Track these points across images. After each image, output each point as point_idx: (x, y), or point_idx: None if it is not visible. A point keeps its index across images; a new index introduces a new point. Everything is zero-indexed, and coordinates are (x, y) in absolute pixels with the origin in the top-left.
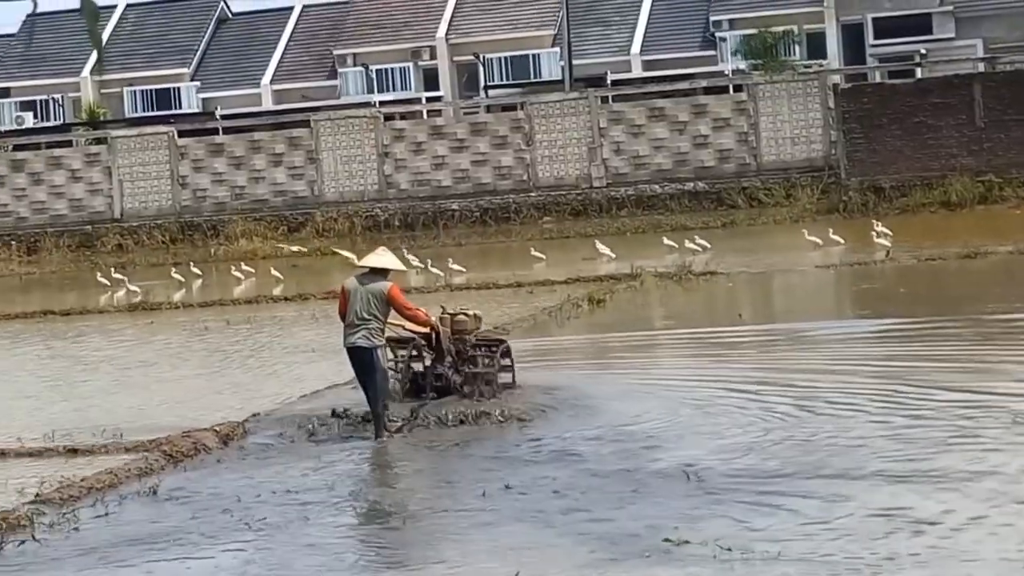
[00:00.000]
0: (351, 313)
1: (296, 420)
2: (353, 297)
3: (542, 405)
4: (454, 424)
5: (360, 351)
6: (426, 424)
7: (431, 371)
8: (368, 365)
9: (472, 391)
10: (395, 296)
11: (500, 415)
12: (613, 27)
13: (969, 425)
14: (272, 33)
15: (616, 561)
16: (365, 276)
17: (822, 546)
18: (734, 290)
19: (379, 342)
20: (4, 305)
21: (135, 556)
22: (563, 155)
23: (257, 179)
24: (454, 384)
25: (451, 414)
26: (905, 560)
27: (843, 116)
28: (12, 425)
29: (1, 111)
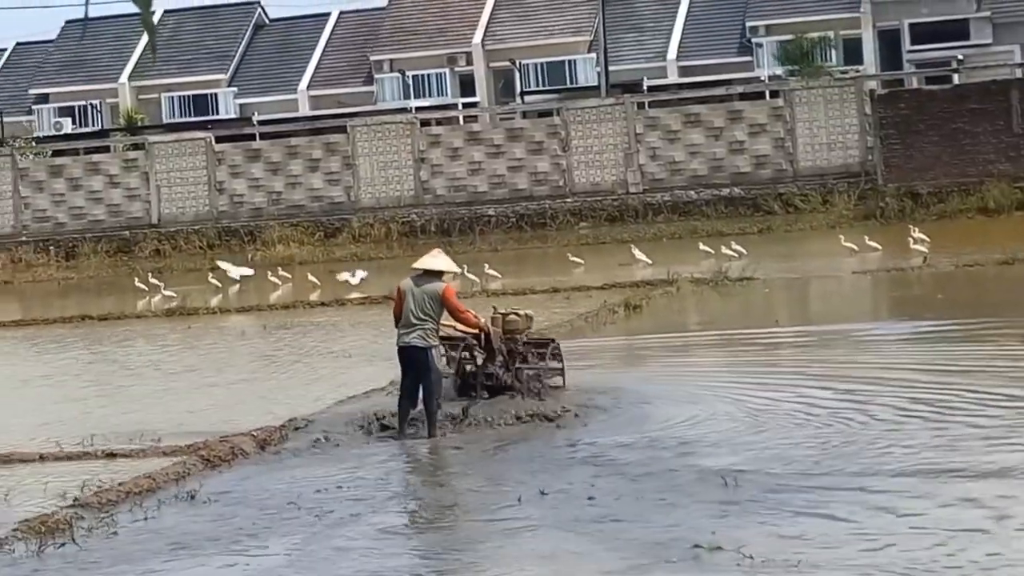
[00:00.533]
0: (406, 313)
1: (334, 424)
2: (408, 298)
3: (590, 406)
4: (502, 424)
5: (415, 350)
6: (476, 423)
7: (482, 370)
8: (422, 364)
9: (522, 390)
10: (448, 297)
11: (547, 415)
12: (649, 33)
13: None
14: (309, 39)
15: (643, 568)
16: (420, 277)
17: (851, 554)
18: (770, 295)
19: (434, 342)
20: (43, 310)
21: (174, 559)
22: (599, 161)
23: (294, 185)
24: (505, 383)
25: (500, 414)
26: (936, 568)
27: (880, 122)
28: (55, 429)
29: (40, 117)
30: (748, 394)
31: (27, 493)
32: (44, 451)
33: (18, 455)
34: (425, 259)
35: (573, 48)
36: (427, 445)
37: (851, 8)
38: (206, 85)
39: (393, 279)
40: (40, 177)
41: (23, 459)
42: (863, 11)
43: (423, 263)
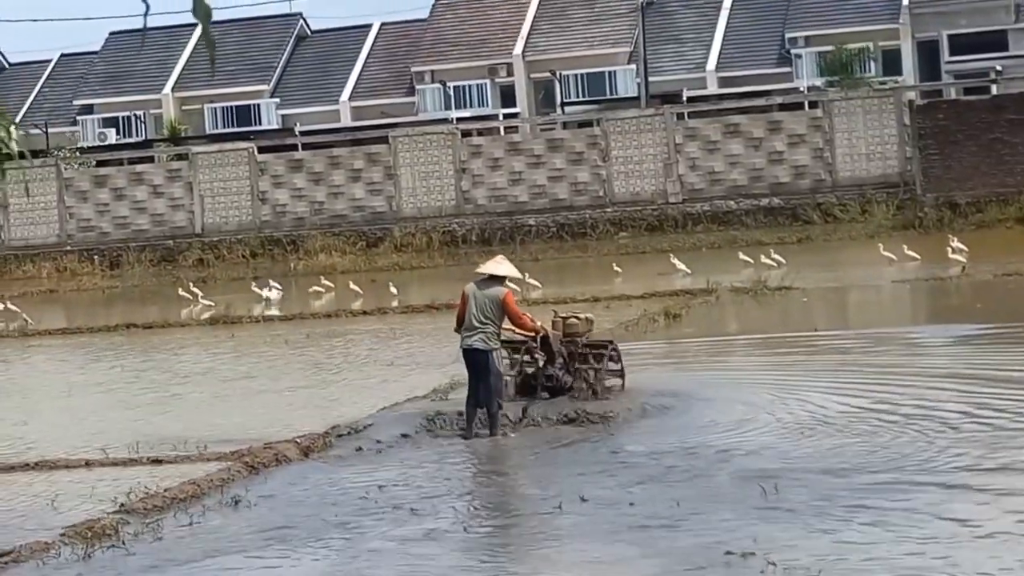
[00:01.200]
0: (469, 317)
1: (378, 430)
2: (471, 302)
3: (647, 407)
4: (559, 423)
5: (476, 353)
6: (535, 423)
7: (542, 372)
8: (483, 366)
9: (581, 392)
10: (508, 302)
11: (603, 416)
12: (689, 44)
13: None
14: (351, 50)
15: (675, 575)
16: (483, 283)
17: (883, 560)
18: (810, 304)
19: (494, 345)
20: (88, 318)
21: (219, 563)
22: (639, 171)
23: (336, 194)
24: (564, 385)
25: (558, 415)
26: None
27: (919, 132)
28: (101, 436)
29: (84, 127)
30: (801, 397)
31: (74, 499)
32: (90, 458)
33: (64, 461)
34: (489, 264)
35: (613, 59)
36: (486, 445)
37: (890, 19)
38: (249, 96)
39: (434, 288)
40: (84, 187)
41: (69, 465)
42: (902, 22)
43: (487, 268)
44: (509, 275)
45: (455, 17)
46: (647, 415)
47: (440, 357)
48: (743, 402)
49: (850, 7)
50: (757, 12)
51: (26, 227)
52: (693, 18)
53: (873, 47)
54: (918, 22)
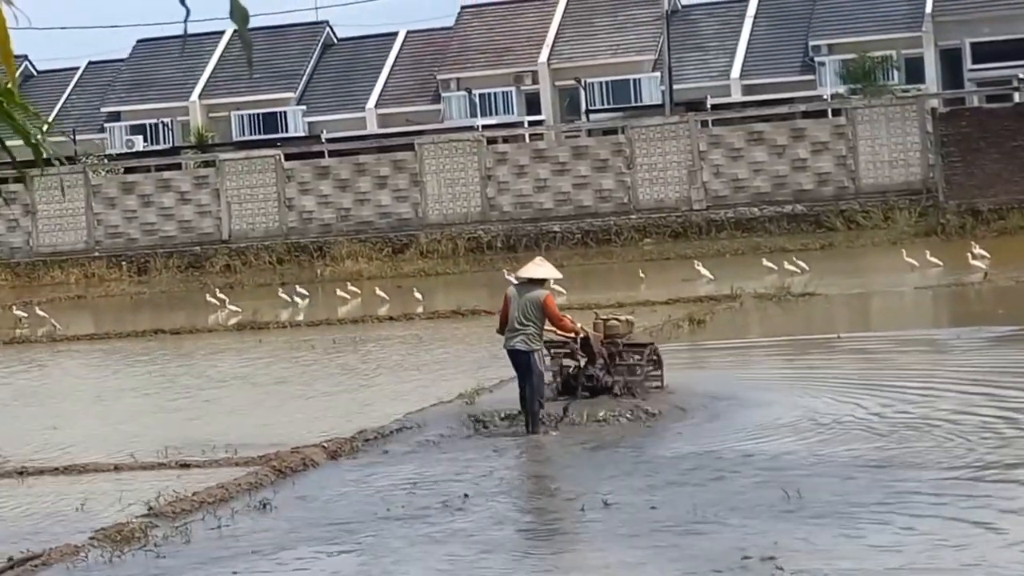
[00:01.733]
0: (511, 319)
1: (406, 433)
2: (513, 305)
3: (684, 407)
4: (599, 423)
5: (518, 353)
6: (575, 421)
7: (583, 372)
8: (525, 366)
9: (622, 391)
10: (548, 305)
11: (638, 415)
12: (713, 52)
13: None
14: (377, 58)
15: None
16: (524, 286)
17: (903, 564)
18: (832, 310)
19: (536, 346)
20: (116, 324)
21: (247, 564)
22: (663, 178)
23: (362, 201)
24: (605, 384)
25: (597, 414)
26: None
27: (941, 140)
28: (131, 441)
29: (112, 135)
30: (834, 399)
31: (103, 503)
32: (119, 462)
33: (94, 466)
34: (529, 268)
35: (637, 67)
36: (522, 443)
37: (913, 27)
38: (275, 104)
39: (460, 294)
40: (112, 194)
41: (98, 470)
42: (925, 30)
43: (526, 272)
44: (548, 277)
45: (481, 25)
46: (685, 415)
47: (465, 363)
48: (781, 403)
49: (873, 15)
50: (781, 20)
51: (54, 233)
52: (717, 26)
53: (896, 55)
54: (941, 30)
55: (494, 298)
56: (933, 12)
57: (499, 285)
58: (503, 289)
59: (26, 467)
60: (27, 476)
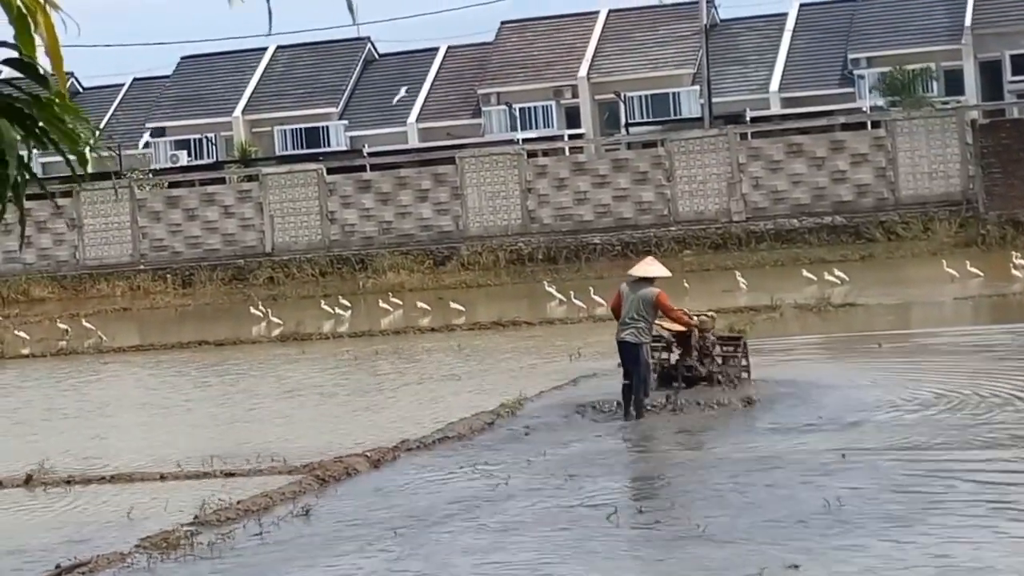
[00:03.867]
0: (624, 313)
1: (448, 444)
2: (626, 300)
3: (774, 396)
4: (703, 409)
5: (629, 345)
6: (680, 408)
7: (682, 364)
8: (634, 357)
9: (717, 381)
10: (663, 301)
11: (743, 401)
12: (752, 65)
13: None
14: (418, 73)
15: None
16: (635, 284)
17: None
18: (872, 320)
19: (645, 339)
20: (161, 335)
21: (291, 569)
22: (703, 190)
23: (404, 214)
24: (700, 375)
25: (696, 402)
26: None
27: (981, 151)
28: (182, 449)
29: (157, 150)
30: (912, 393)
31: (149, 511)
32: (165, 471)
33: (140, 475)
34: (640, 267)
35: (677, 80)
36: (634, 424)
37: (952, 40)
38: (318, 119)
39: (501, 305)
40: (157, 208)
41: (145, 479)
42: (964, 43)
43: (638, 271)
44: (659, 275)
45: (521, 40)
46: (780, 401)
47: (506, 374)
48: (858, 393)
49: (912, 28)
50: (820, 33)
51: (100, 247)
52: (756, 40)
53: (935, 67)
54: (980, 43)
55: (535, 309)
56: (972, 25)
57: (539, 297)
58: (544, 300)
59: (73, 476)
60: (74, 485)
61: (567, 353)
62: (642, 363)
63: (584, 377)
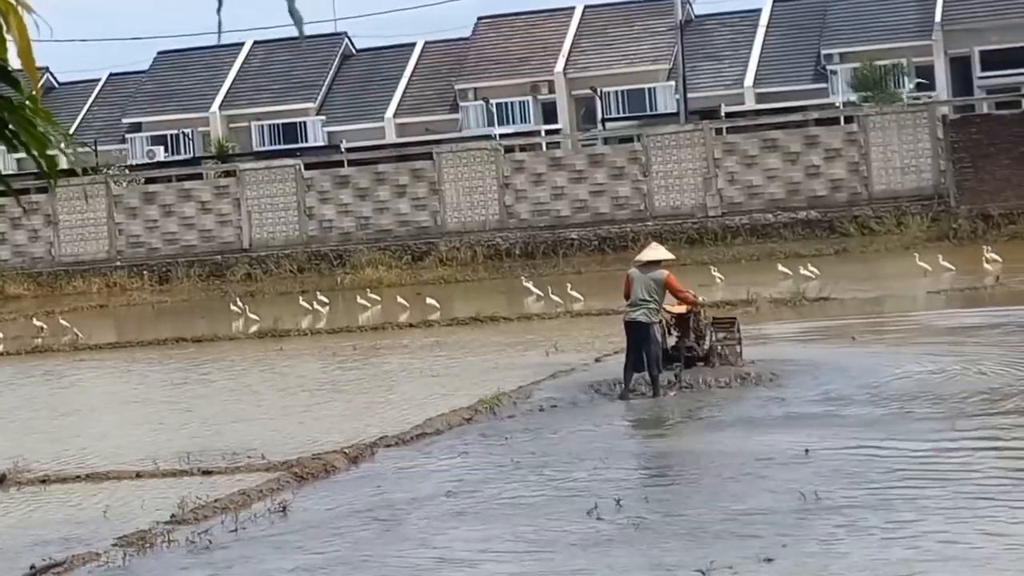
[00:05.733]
0: (633, 295)
1: (424, 440)
2: (635, 284)
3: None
4: (713, 387)
5: (639, 325)
6: (687, 387)
7: (683, 344)
8: (645, 337)
9: (714, 361)
10: (672, 282)
11: (738, 379)
12: (727, 61)
13: None
14: (395, 69)
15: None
16: (644, 267)
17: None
18: (845, 313)
19: (655, 319)
20: (137, 332)
21: (268, 563)
22: (679, 185)
23: (382, 210)
24: (699, 355)
25: (705, 379)
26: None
27: (952, 146)
28: (158, 447)
29: (133, 145)
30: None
31: (125, 510)
32: (142, 469)
33: (116, 473)
34: (645, 252)
35: (653, 76)
36: (656, 401)
37: (923, 36)
38: (295, 114)
39: (479, 301)
40: (134, 204)
41: (121, 477)
42: (935, 39)
43: (644, 256)
44: (664, 258)
45: (497, 36)
46: (781, 377)
47: (484, 369)
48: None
49: (884, 24)
50: (793, 30)
51: (76, 243)
52: (731, 36)
53: (906, 63)
54: (950, 38)
55: (512, 305)
56: (943, 21)
57: (517, 292)
58: (521, 295)
59: (48, 475)
60: (49, 483)
61: (545, 348)
62: (653, 342)
63: (562, 372)
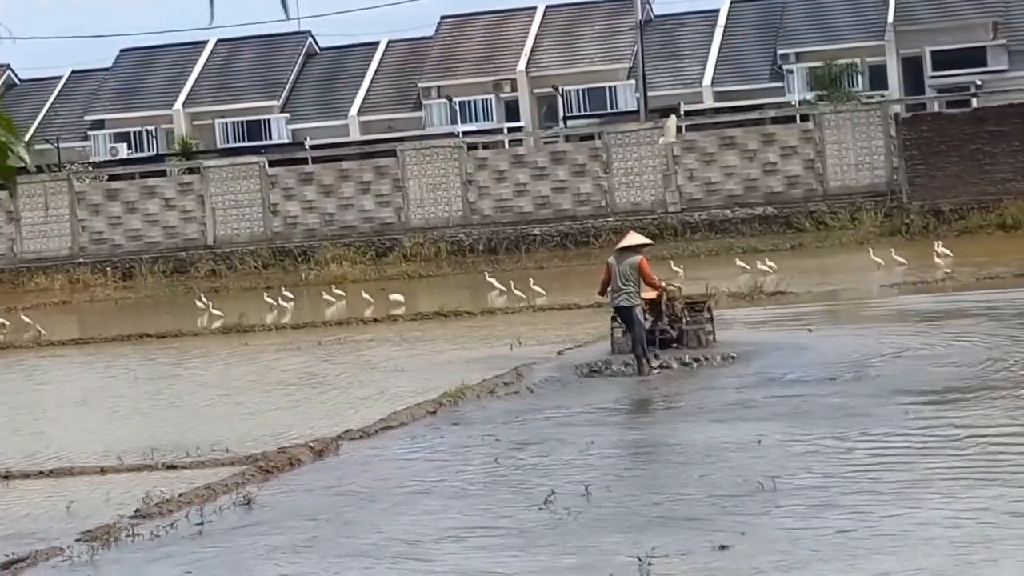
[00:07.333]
0: (615, 282)
1: (390, 434)
2: (615, 271)
3: (748, 351)
4: (687, 365)
5: (624, 309)
6: (668, 366)
7: (656, 327)
8: (629, 319)
9: (686, 342)
10: (644, 267)
11: (719, 357)
12: (686, 60)
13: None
14: (359, 67)
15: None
16: (621, 254)
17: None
18: (803, 307)
19: (637, 302)
20: (101, 329)
21: (234, 555)
22: (639, 182)
23: (346, 206)
24: (671, 338)
25: (685, 358)
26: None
27: (904, 144)
28: (123, 442)
29: (96, 142)
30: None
31: (90, 505)
32: (106, 464)
33: (80, 468)
34: (626, 239)
35: (613, 75)
36: (642, 380)
37: (876, 36)
38: (259, 111)
39: (443, 296)
40: (97, 200)
41: (85, 472)
42: (888, 39)
43: (624, 242)
44: (641, 243)
45: (460, 34)
46: (759, 355)
47: (448, 363)
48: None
49: (839, 24)
50: (751, 30)
51: (39, 240)
52: (690, 35)
53: (860, 63)
54: (903, 39)
55: (476, 299)
56: (895, 22)
57: (481, 287)
58: (485, 290)
59: (11, 471)
60: (11, 479)
61: (508, 342)
62: (636, 323)
63: (525, 364)
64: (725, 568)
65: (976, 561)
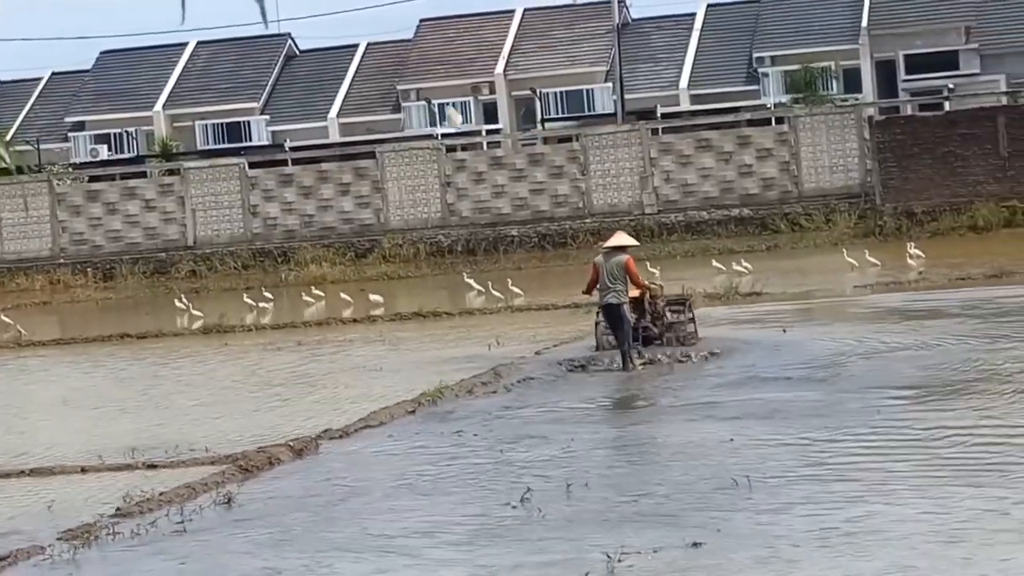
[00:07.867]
0: (602, 280)
1: (369, 433)
2: (603, 270)
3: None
4: (680, 362)
5: (612, 307)
6: (654, 361)
7: (639, 324)
8: (617, 316)
9: (668, 339)
10: (630, 266)
11: (703, 354)
12: (663, 63)
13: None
14: (338, 69)
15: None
16: (609, 253)
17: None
18: (778, 307)
19: (624, 300)
20: (81, 329)
21: (214, 552)
22: (616, 184)
23: (325, 208)
24: (654, 335)
25: (672, 355)
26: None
27: (877, 146)
28: (103, 442)
29: (76, 144)
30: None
31: (70, 504)
32: (87, 464)
33: (61, 468)
34: (612, 239)
35: (591, 77)
36: (627, 375)
37: (850, 40)
38: (239, 113)
39: (422, 297)
40: (77, 202)
41: (66, 472)
42: (862, 43)
43: (611, 242)
44: (628, 244)
45: (439, 37)
46: (745, 351)
47: (427, 363)
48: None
49: (813, 29)
50: (726, 33)
51: (19, 241)
52: (666, 39)
53: (835, 66)
54: (876, 43)
55: (454, 300)
56: (869, 26)
57: (459, 288)
58: (463, 291)
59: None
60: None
61: (486, 342)
62: (624, 320)
63: (503, 364)
64: (698, 565)
65: (952, 557)
